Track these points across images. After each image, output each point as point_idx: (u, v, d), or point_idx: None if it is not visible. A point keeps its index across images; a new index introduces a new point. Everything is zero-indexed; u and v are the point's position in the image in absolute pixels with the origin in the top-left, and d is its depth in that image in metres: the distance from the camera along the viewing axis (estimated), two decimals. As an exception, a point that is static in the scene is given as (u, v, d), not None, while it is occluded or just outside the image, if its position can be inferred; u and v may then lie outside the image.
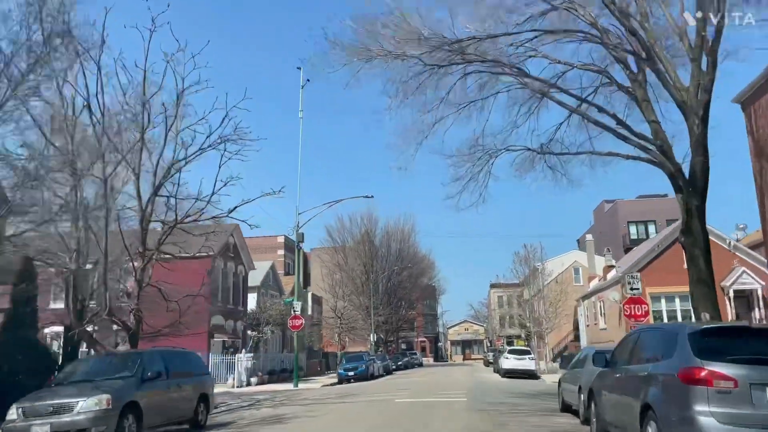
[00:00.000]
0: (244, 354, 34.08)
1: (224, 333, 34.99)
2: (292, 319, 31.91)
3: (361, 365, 37.60)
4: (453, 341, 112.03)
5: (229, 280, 37.20)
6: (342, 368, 37.56)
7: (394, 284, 66.75)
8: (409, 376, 41.60)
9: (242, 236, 38.95)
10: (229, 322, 36.36)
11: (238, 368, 33.26)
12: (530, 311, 42.08)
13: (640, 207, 66.15)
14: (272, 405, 19.99)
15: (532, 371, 35.67)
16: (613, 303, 35.37)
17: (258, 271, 43.81)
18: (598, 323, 40.07)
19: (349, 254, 63.60)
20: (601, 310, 39.24)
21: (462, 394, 20.38)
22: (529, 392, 21.89)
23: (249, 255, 40.11)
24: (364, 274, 62.29)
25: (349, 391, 25.20)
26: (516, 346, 39.97)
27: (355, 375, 37.02)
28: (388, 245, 65.62)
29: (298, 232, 32.58)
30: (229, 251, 37.21)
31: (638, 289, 18.79)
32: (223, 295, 35.94)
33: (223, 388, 31.91)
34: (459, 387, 25.23)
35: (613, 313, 36.09)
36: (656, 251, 33.92)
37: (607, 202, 72.44)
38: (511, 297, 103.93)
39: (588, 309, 43.09)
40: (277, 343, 46.38)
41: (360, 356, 40.05)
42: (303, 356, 47.10)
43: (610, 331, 37.30)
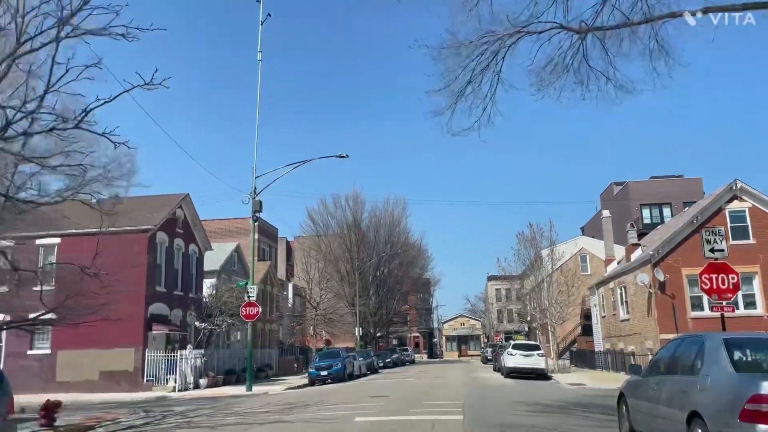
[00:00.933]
0: (190, 350, 27.82)
1: (167, 324, 28.71)
2: (246, 307, 25.66)
3: (336, 363, 31.40)
4: (448, 337, 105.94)
5: (176, 261, 30.86)
6: (313, 367, 31.35)
7: (383, 273, 60.52)
8: (396, 375, 35.39)
9: (194, 209, 32.60)
10: (176, 311, 30.05)
11: (182, 367, 27.02)
12: (537, 300, 35.84)
13: (653, 188, 60.13)
14: (165, 424, 13.67)
15: (541, 370, 29.53)
16: (640, 288, 29.21)
17: (218, 252, 37.51)
18: (618, 313, 33.91)
19: (334, 241, 57.39)
20: (622, 297, 33.08)
21: (456, 407, 14.16)
22: (551, 403, 15.69)
23: (204, 233, 33.78)
24: (349, 262, 56.07)
25: (307, 399, 18.97)
26: (522, 341, 33.83)
27: (329, 375, 30.88)
28: (376, 230, 59.35)
29: (255, 200, 26.29)
30: (176, 226, 30.87)
31: (723, 251, 12.49)
32: (169, 280, 29.64)
33: (161, 392, 25.71)
34: (453, 393, 19.03)
35: (639, 301, 29.92)
36: (696, 224, 27.76)
37: (617, 184, 66.38)
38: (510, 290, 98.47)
39: (604, 298, 36.93)
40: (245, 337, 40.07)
41: (336, 353, 33.83)
42: (274, 352, 40.90)
43: (633, 323, 31.14)
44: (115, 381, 26.71)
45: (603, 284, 37.34)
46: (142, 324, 27.11)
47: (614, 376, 30.38)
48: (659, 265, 27.71)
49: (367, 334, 63.82)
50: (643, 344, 29.59)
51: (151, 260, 27.84)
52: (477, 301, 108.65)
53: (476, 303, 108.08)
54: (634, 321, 31.00)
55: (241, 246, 40.08)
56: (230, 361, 33.18)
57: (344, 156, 26.37)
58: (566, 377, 29.66)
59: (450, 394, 18.82)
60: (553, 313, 34.06)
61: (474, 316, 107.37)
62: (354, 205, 56.92)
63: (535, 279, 36.26)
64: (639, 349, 29.75)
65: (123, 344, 26.98)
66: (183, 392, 26.18)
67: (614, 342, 35.02)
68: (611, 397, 17.27)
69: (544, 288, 34.67)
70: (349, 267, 55.96)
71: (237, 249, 39.18)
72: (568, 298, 34.93)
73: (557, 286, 34.52)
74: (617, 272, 33.74)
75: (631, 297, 31.38)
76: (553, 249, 35.29)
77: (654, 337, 27.99)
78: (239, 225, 50.19)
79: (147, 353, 27.00)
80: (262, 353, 39.25)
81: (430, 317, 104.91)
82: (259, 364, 38.03)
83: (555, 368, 33.41)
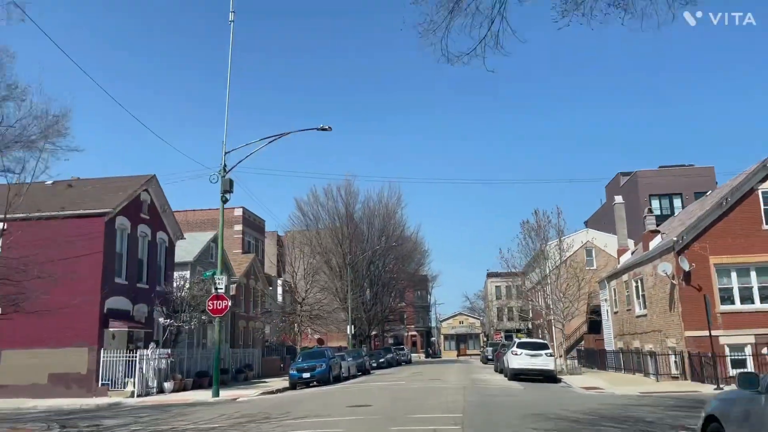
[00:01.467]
0: (153, 350, 24.52)
1: (128, 321, 25.41)
2: (213, 300, 22.38)
3: (320, 364, 28.14)
4: (447, 335, 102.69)
5: (141, 250, 27.57)
6: (295, 368, 28.09)
7: (377, 268, 57.22)
8: (388, 378, 32.13)
9: (163, 194, 29.28)
10: (140, 306, 26.75)
11: (142, 369, 23.74)
12: (543, 294, 32.55)
13: (663, 178, 56.86)
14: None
15: (550, 372, 26.31)
16: (661, 279, 25.96)
17: (193, 243, 34.23)
18: (633, 308, 30.67)
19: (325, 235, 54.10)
20: (638, 290, 29.83)
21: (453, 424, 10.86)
22: (573, 415, 12.37)
23: (175, 220, 30.47)
24: (340, 255, 52.77)
25: (273, 409, 15.70)
26: (528, 339, 30.60)
27: (312, 377, 27.67)
28: (369, 222, 56.03)
29: (224, 178, 22.99)
30: (141, 211, 27.56)
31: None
32: (131, 271, 26.34)
33: (117, 397, 22.46)
34: (450, 401, 15.79)
35: (659, 294, 26.67)
36: (725, 206, 24.52)
37: (624, 174, 63.10)
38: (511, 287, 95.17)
39: (617, 292, 33.67)
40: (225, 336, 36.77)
41: (321, 352, 30.55)
42: (257, 352, 37.67)
43: (652, 318, 27.89)
44: (66, 385, 23.43)
45: (615, 277, 34.07)
46: (96, 320, 23.81)
47: (630, 378, 27.14)
48: (683, 253, 24.46)
49: (361, 333, 60.59)
50: (663, 342, 26.34)
51: (108, 248, 24.57)
52: (476, 299, 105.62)
53: (475, 301, 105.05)
54: (653, 317, 27.75)
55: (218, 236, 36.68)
56: (204, 362, 29.88)
57: (326, 128, 23.08)
58: (577, 379, 26.44)
59: (446, 402, 15.57)
60: (561, 308, 30.81)
61: (473, 314, 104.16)
62: (346, 195, 53.65)
63: (541, 271, 32.99)
64: (659, 348, 26.50)
65: (75, 343, 23.72)
66: (143, 398, 22.91)
67: (628, 340, 31.79)
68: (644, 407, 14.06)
69: (551, 280, 31.44)
70: (340, 261, 52.68)
71: (215, 239, 35.82)
72: (578, 291, 31.68)
73: (566, 278, 31.24)
74: (633, 263, 30.48)
75: (649, 290, 28.12)
76: (561, 238, 32.02)
77: (678, 335, 24.75)
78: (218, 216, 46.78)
79: (102, 353, 23.69)
80: (243, 353, 36.00)
81: (428, 315, 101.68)
82: (239, 364, 34.79)
83: (564, 369, 30.18)
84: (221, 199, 23.01)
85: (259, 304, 42.26)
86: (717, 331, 22.78)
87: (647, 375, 26.96)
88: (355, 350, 42.67)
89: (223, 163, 23.21)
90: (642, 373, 27.83)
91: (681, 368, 24.35)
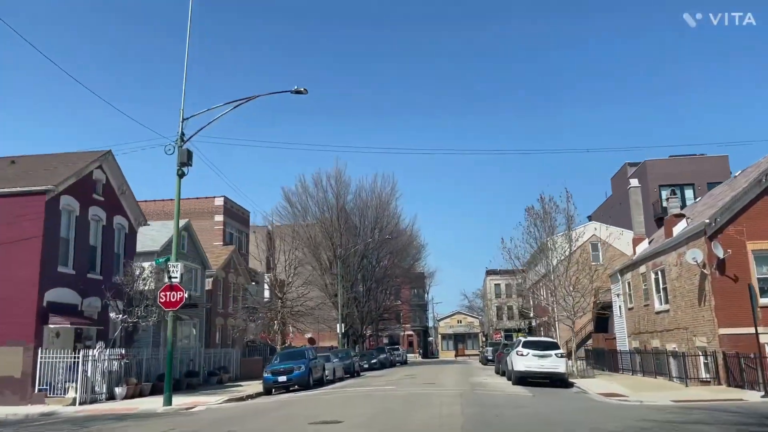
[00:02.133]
0: (101, 350, 21.13)
1: (74, 316, 21.98)
2: (165, 291, 18.93)
3: (299, 366, 24.75)
4: (444, 335, 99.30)
5: (93, 235, 24.14)
6: (270, 371, 24.67)
7: (370, 263, 53.78)
8: (377, 381, 28.76)
9: (121, 173, 25.84)
10: (91, 300, 23.32)
11: (87, 372, 20.34)
12: (551, 288, 29.11)
13: (673, 168, 53.42)
14: None
15: (561, 375, 22.93)
16: (689, 268, 22.62)
17: (161, 230, 30.81)
18: (651, 304, 27.33)
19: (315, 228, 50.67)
20: (659, 283, 26.48)
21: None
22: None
23: (136, 203, 27.02)
24: (330, 249, 49.34)
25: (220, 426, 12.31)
26: (535, 337, 27.28)
27: (290, 380, 24.30)
28: (361, 214, 52.60)
29: (182, 148, 19.56)
30: (93, 191, 24.13)
31: None
32: (80, 259, 22.92)
33: (55, 405, 19.11)
34: (444, 414, 12.45)
35: (686, 286, 23.30)
36: (765, 183, 21.19)
37: (631, 165, 59.64)
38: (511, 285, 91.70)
39: (632, 286, 30.31)
40: (198, 335, 33.39)
41: (301, 352, 27.14)
42: (234, 353, 34.25)
43: (676, 314, 24.54)
44: (-4, 390, 20.03)
45: (630, 269, 30.72)
46: (33, 314, 20.35)
47: (651, 382, 23.79)
48: (717, 237, 21.12)
49: (354, 332, 57.21)
50: (691, 341, 22.98)
51: (49, 231, 21.15)
52: (475, 297, 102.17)
53: (474, 300, 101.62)
54: (677, 312, 24.38)
55: (192, 224, 33.27)
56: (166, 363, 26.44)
57: (302, 91, 19.67)
58: (591, 384, 23.07)
59: (439, 416, 12.21)
60: (572, 303, 27.44)
61: (472, 313, 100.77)
62: (336, 185, 50.16)
63: (548, 262, 29.61)
64: (686, 348, 23.13)
65: (9, 341, 20.30)
66: (86, 406, 19.53)
67: (645, 339, 28.45)
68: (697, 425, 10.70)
69: (560, 272, 28.10)
70: (330, 255, 49.26)
71: (187, 227, 32.41)
72: (590, 284, 28.33)
73: (576, 269, 27.86)
74: (652, 252, 27.10)
75: (673, 282, 24.76)
76: (570, 224, 28.66)
77: (710, 332, 21.39)
78: (197, 205, 43.44)
79: (40, 353, 20.26)
80: (217, 354, 32.56)
81: (425, 314, 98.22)
82: (213, 366, 31.37)
83: (574, 371, 26.80)
84: (177, 173, 19.56)
85: (240, 300, 38.83)
86: (759, 327, 19.43)
87: (670, 378, 23.62)
88: (343, 350, 39.28)
89: (180, 130, 19.78)
90: (664, 377, 24.49)
91: (714, 371, 20.99)
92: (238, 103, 20.16)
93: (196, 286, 33.31)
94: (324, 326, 60.43)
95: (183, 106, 19.91)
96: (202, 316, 33.76)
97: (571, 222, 28.54)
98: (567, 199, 28.36)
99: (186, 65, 19.93)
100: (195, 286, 33.19)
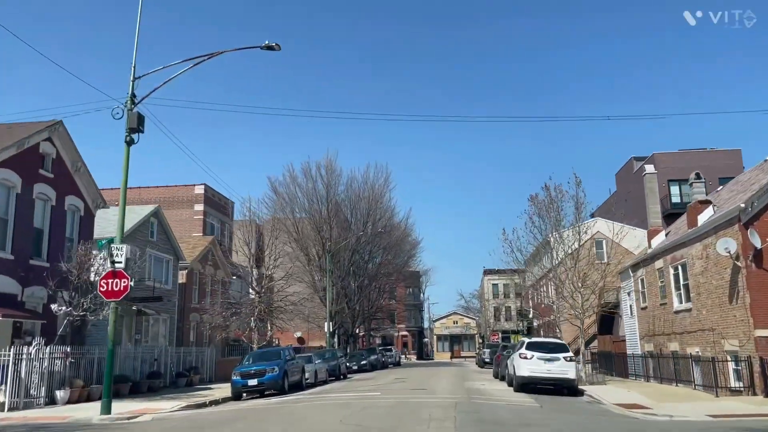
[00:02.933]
0: (38, 347, 18.21)
1: (12, 308, 19.02)
2: (108, 279, 15.97)
3: (272, 368, 21.85)
4: (440, 336, 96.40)
5: (39, 216, 21.20)
6: (239, 373, 21.77)
7: (362, 259, 50.91)
8: (363, 385, 25.86)
9: (75, 147, 22.90)
10: (33, 290, 20.39)
11: (20, 374, 17.41)
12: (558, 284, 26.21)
13: (683, 162, 50.50)
14: None
15: (570, 382, 20.10)
16: (718, 261, 19.78)
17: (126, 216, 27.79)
18: (670, 302, 24.48)
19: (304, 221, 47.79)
20: (679, 279, 23.62)
21: None
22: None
23: (93, 182, 24.07)
24: (320, 243, 46.44)
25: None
26: (541, 338, 24.44)
27: (261, 384, 21.42)
28: (353, 205, 49.71)
29: (131, 112, 16.63)
30: (40, 166, 21.21)
31: None
32: (20, 242, 19.98)
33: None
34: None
35: (713, 282, 20.45)
36: (811, 162, 18.35)
37: (638, 159, 56.76)
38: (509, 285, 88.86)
39: (646, 282, 27.45)
40: (167, 332, 30.42)
41: (276, 352, 24.22)
42: (208, 352, 31.35)
43: (700, 313, 21.68)
44: None
45: (644, 265, 27.88)
46: (-45, 305, 17.44)
47: (672, 390, 20.96)
48: (753, 224, 18.28)
49: (345, 332, 54.33)
50: (719, 345, 20.12)
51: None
52: (471, 298, 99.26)
53: (471, 300, 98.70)
54: (702, 311, 21.52)
55: (162, 211, 30.25)
56: (127, 364, 23.55)
57: (273, 46, 16.79)
58: (603, 392, 20.21)
59: None
60: (581, 300, 24.58)
61: (468, 314, 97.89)
62: (327, 175, 47.22)
63: (556, 254, 26.76)
64: (713, 352, 20.26)
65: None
66: (18, 411, 16.67)
67: (661, 342, 25.60)
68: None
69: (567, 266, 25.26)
70: (320, 250, 46.36)
71: (157, 213, 29.43)
72: (601, 279, 25.52)
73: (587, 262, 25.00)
74: (671, 245, 24.24)
75: (696, 277, 21.90)
76: (580, 212, 25.78)
77: (743, 334, 18.55)
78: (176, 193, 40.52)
79: (-36, 351, 17.33)
80: (189, 353, 29.64)
81: (420, 315, 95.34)
82: (183, 366, 28.45)
83: (582, 377, 23.91)
84: (125, 140, 16.62)
85: (219, 295, 35.88)
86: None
87: (694, 386, 20.76)
88: (328, 350, 36.37)
89: (131, 91, 16.86)
90: (685, 384, 21.65)
91: (748, 379, 18.14)
92: (199, 60, 17.26)
93: (167, 278, 30.39)
94: (314, 325, 57.52)
95: (134, 62, 16.97)
96: (173, 311, 30.83)
97: (580, 210, 25.69)
98: (576, 185, 25.51)
99: (140, 13, 17.00)
100: (166, 278, 30.27)
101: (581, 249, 25.89)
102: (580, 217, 26.16)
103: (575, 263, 25.07)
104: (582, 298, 24.83)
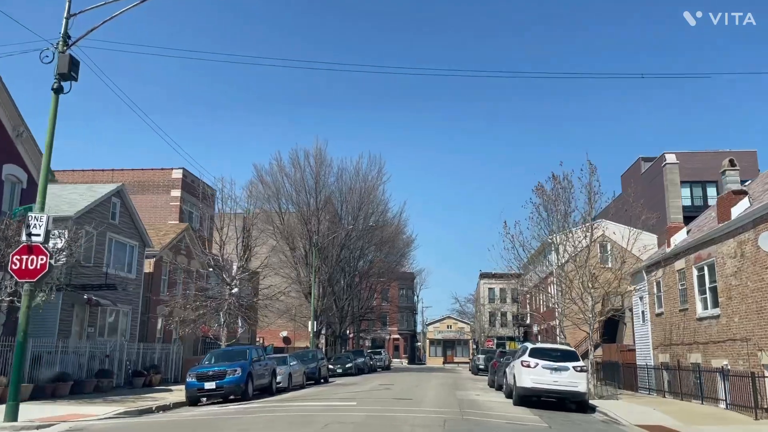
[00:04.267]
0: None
1: None
2: (21, 255, 12.98)
3: (234, 370, 18.86)
4: (432, 340, 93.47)
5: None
6: (195, 374, 18.75)
7: (352, 255, 47.97)
8: (342, 392, 22.89)
9: (16, 109, 19.91)
10: (-43, 270, 17.34)
11: None
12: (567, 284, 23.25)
13: (695, 162, 47.57)
14: None
15: (580, 396, 17.20)
16: (755, 260, 16.87)
17: (83, 195, 24.88)
18: (692, 307, 21.56)
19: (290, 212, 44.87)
20: (704, 281, 20.71)
21: None
22: None
23: (38, 150, 21.06)
24: (306, 237, 43.48)
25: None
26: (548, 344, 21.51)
27: (220, 387, 18.42)
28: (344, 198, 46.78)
29: (63, 54, 13.71)
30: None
31: None
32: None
33: None
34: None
35: (749, 284, 17.53)
36: None
37: (645, 160, 53.83)
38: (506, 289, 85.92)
39: (663, 286, 24.54)
40: (128, 325, 27.34)
41: (241, 351, 21.18)
42: (174, 349, 28.34)
43: (730, 321, 18.77)
44: None
45: (660, 266, 24.99)
46: None
47: (695, 408, 18.07)
48: (803, 216, 15.41)
49: (333, 332, 51.41)
50: (754, 357, 17.19)
51: None
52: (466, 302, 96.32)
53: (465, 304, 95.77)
54: (733, 318, 18.60)
55: (125, 190, 27.21)
56: (68, 360, 20.52)
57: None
58: (617, 408, 17.28)
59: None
60: (591, 302, 21.66)
61: (463, 318, 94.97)
62: (316, 165, 44.27)
63: (559, 253, 23.86)
64: (746, 365, 17.35)
65: None
66: None
67: (680, 352, 22.68)
68: None
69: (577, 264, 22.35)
70: (306, 244, 43.41)
71: (120, 193, 26.40)
72: (616, 279, 22.64)
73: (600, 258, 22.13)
74: (696, 242, 21.32)
75: (728, 279, 18.98)
76: (593, 204, 22.82)
77: (788, 346, 15.64)
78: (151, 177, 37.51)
79: None
80: (150, 349, 26.63)
81: (413, 318, 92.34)
82: (141, 364, 25.43)
83: (591, 390, 20.93)
84: (53, 86, 13.65)
85: (192, 287, 32.86)
86: None
87: (726, 405, 17.83)
88: (310, 351, 33.38)
89: (64, 30, 13.93)
90: (711, 402, 18.73)
91: (793, 400, 15.25)
92: (148, -6, 14.29)
93: (130, 266, 27.39)
94: (300, 325, 54.58)
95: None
96: (136, 303, 27.80)
97: (593, 201, 22.75)
98: (591, 173, 22.57)
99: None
100: (128, 266, 27.27)
101: (592, 246, 23.00)
102: (593, 210, 23.25)
103: (585, 261, 22.15)
104: (593, 300, 21.90)
